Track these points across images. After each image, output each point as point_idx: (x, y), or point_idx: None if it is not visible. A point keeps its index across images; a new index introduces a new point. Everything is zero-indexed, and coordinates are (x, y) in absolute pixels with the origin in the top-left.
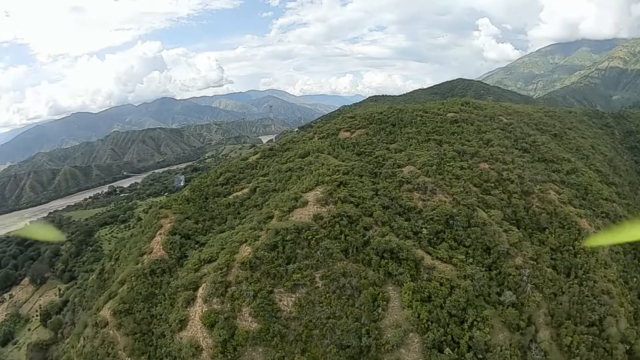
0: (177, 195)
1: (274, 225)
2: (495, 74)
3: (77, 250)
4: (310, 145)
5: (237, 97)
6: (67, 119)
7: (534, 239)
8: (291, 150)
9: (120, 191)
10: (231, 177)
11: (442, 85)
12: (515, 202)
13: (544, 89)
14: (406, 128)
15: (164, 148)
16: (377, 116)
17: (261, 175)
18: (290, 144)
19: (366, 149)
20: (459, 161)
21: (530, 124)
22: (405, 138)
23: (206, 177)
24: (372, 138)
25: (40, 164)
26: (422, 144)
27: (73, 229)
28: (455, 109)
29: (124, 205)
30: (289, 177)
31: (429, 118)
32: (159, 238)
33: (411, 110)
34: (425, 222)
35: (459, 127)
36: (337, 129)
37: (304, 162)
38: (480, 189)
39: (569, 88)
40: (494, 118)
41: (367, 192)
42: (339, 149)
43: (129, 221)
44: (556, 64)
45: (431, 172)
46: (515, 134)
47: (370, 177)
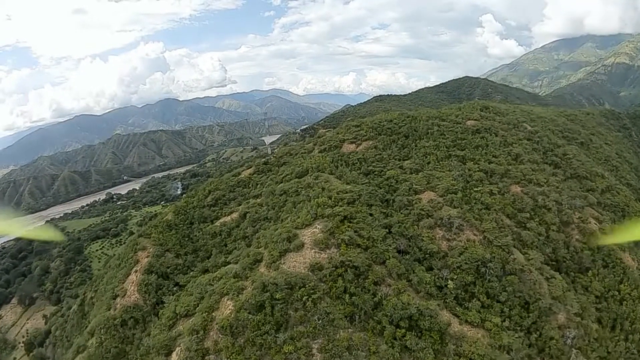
0: (158, 220)
1: (261, 277)
2: (499, 71)
3: (66, 268)
4: (309, 161)
5: (241, 97)
6: (70, 122)
7: (577, 284)
8: (288, 165)
9: (118, 198)
10: (220, 196)
11: (448, 83)
12: (554, 236)
13: (549, 85)
14: (422, 140)
15: (165, 151)
16: (387, 125)
17: (253, 196)
18: (287, 157)
19: (375, 167)
20: (487, 184)
21: (556, 131)
22: (422, 154)
23: (193, 196)
24: (381, 153)
25: (42, 167)
26: (443, 162)
27: (65, 243)
28: (475, 115)
29: (118, 215)
30: (283, 203)
31: (447, 128)
32: (134, 277)
33: (425, 117)
34: (451, 271)
35: (482, 139)
36: (340, 140)
37: (301, 183)
38: (515, 220)
39: (575, 85)
40: (518, 126)
41: (378, 230)
42: (342, 166)
43: (121, 235)
44: (561, 61)
45: (456, 202)
46: (543, 144)
47: (381, 206)
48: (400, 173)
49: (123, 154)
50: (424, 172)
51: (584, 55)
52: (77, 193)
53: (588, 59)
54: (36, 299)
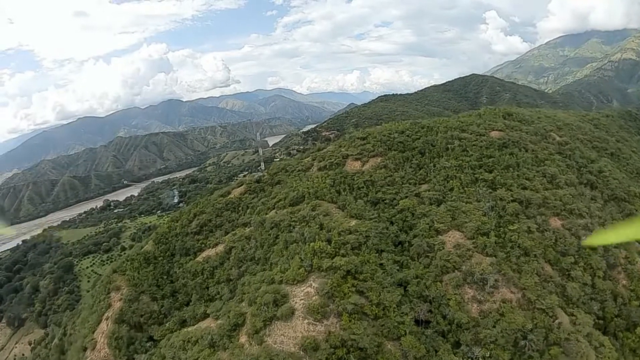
0: (136, 252)
1: (240, 354)
2: (504, 68)
3: (54, 288)
4: (306, 184)
5: (244, 96)
6: (74, 124)
7: (625, 348)
8: (282, 186)
9: (115, 206)
10: (206, 221)
11: (454, 81)
12: (601, 285)
13: (555, 82)
14: (441, 159)
15: (166, 153)
16: (398, 138)
17: (242, 223)
18: (282, 174)
19: (386, 193)
20: (524, 219)
21: (585, 140)
22: (443, 177)
23: (177, 220)
24: (392, 174)
25: (44, 171)
26: (469, 188)
27: (57, 258)
28: (499, 124)
29: (112, 227)
30: (273, 239)
31: (469, 141)
32: (105, 326)
33: (443, 128)
34: (483, 346)
35: (512, 157)
36: (343, 156)
37: (295, 214)
38: (558, 268)
39: (582, 81)
40: (546, 136)
41: (391, 290)
42: (345, 191)
43: (113, 250)
44: (566, 57)
45: (489, 247)
46: (576, 159)
47: (394, 252)
48: (417, 203)
49: (124, 157)
50: (446, 202)
51: (589, 51)
52: (77, 199)
53: (594, 54)
54: (25, 319)
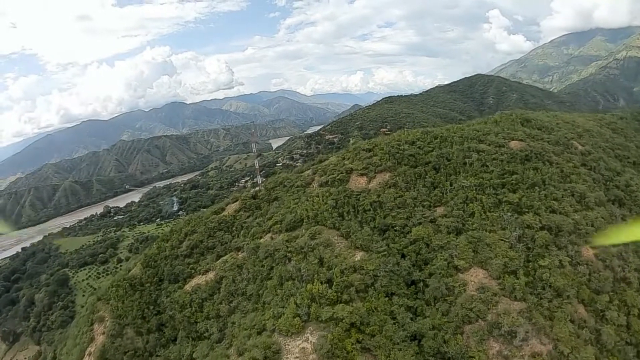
0: (122, 276)
1: None
2: (508, 67)
3: (49, 302)
4: (305, 205)
5: (248, 98)
6: (78, 127)
7: None
8: (279, 205)
9: (115, 212)
10: (198, 243)
11: (460, 82)
12: (637, 325)
13: (560, 81)
14: (458, 176)
15: (169, 157)
16: (408, 150)
17: (235, 248)
18: (280, 189)
19: (396, 217)
20: (554, 250)
21: (606, 148)
22: (461, 198)
23: (167, 240)
24: (403, 194)
25: (47, 176)
26: (491, 213)
27: (53, 269)
28: (518, 134)
29: (111, 235)
30: (267, 272)
31: (489, 154)
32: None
33: (459, 139)
34: None
35: (537, 173)
36: (347, 170)
37: (291, 243)
38: (592, 309)
39: (588, 80)
40: (569, 145)
41: (404, 348)
42: (349, 215)
43: (109, 262)
44: (571, 55)
45: (518, 289)
46: (601, 171)
47: (406, 295)
48: (433, 232)
49: (127, 161)
50: (467, 232)
51: (594, 49)
52: (78, 204)
53: (598, 52)
54: (20, 334)
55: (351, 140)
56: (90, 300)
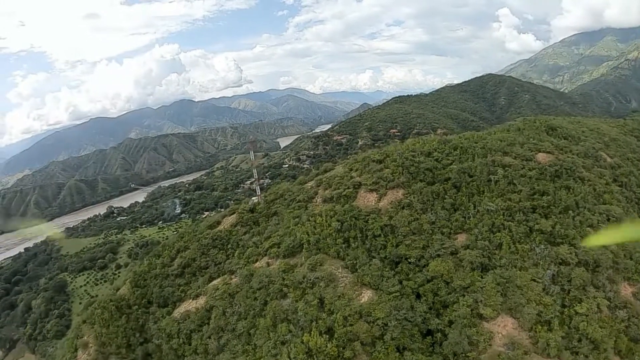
0: (109, 297)
1: None
2: (518, 67)
3: (45, 309)
4: (306, 227)
5: (257, 96)
6: (86, 124)
7: None
8: (277, 223)
9: (118, 213)
10: (190, 261)
11: (471, 81)
12: None
13: (570, 81)
14: (482, 196)
15: (176, 155)
16: (424, 164)
17: (228, 270)
18: (280, 203)
19: (410, 247)
20: (592, 291)
21: (634, 160)
22: (487, 225)
23: (159, 257)
24: (419, 216)
25: (53, 173)
26: (522, 244)
27: (52, 273)
28: (545, 145)
29: (112, 238)
30: (260, 307)
31: (516, 170)
32: None
33: (481, 150)
34: None
35: (569, 193)
36: (355, 184)
37: (288, 277)
38: None
39: (599, 81)
40: (597, 157)
41: None
42: (356, 242)
43: (108, 267)
44: (581, 55)
45: (553, 344)
46: (632, 188)
47: (421, 350)
48: (454, 267)
49: (133, 159)
50: (494, 268)
51: (604, 49)
52: (83, 203)
53: (609, 53)
54: (17, 341)
55: (359, 142)
56: (76, 323)
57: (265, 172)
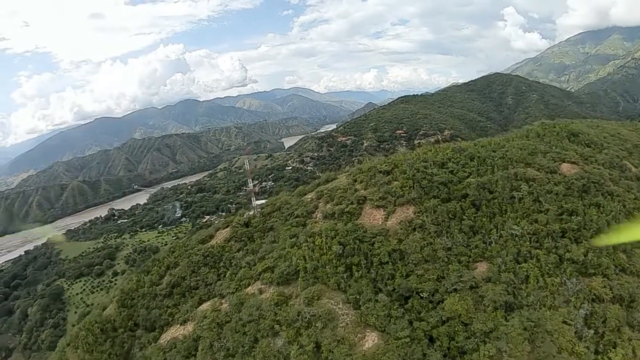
0: (95, 318)
1: None
2: (524, 66)
3: (41, 318)
4: (303, 250)
5: (262, 96)
6: (91, 124)
7: None
8: (275, 234)
9: (119, 215)
10: (179, 280)
11: (477, 81)
12: None
13: (577, 80)
14: (505, 217)
15: (179, 156)
16: (438, 175)
17: (218, 294)
18: (277, 217)
19: (422, 279)
20: (627, 331)
21: None
22: (511, 253)
23: (148, 273)
24: (432, 240)
25: (57, 174)
26: (551, 275)
27: (50, 279)
28: (569, 154)
29: (111, 242)
30: (249, 346)
31: (541, 185)
32: None
33: (501, 161)
34: None
35: (599, 211)
36: (359, 199)
37: (280, 311)
38: None
39: (606, 80)
40: (622, 168)
41: None
42: (360, 270)
43: (105, 275)
44: (587, 54)
45: None
46: None
47: None
48: (473, 306)
49: (137, 160)
50: (520, 308)
51: (610, 48)
52: (86, 204)
53: (615, 51)
54: (13, 350)
55: (364, 143)
56: (60, 345)
57: (268, 174)
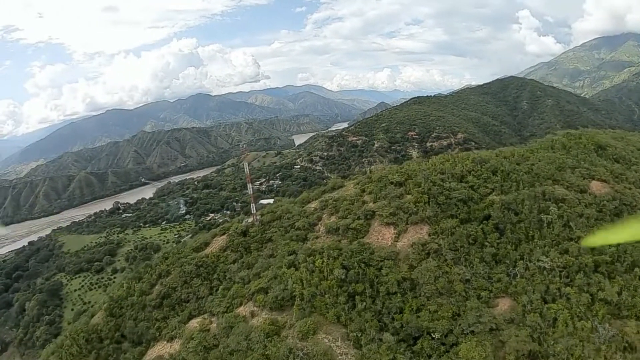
0: (82, 326)
1: None
2: (538, 70)
3: (37, 314)
4: (301, 273)
5: (274, 92)
6: (102, 116)
7: None
8: (273, 247)
9: (124, 209)
10: (170, 291)
11: (492, 84)
12: None
13: (591, 86)
14: (532, 244)
15: (189, 150)
16: (456, 191)
17: (209, 310)
18: (277, 227)
19: (435, 316)
20: None
21: None
22: (538, 290)
23: (139, 279)
24: (449, 269)
25: (66, 164)
26: (581, 319)
27: (50, 273)
28: (599, 170)
29: (114, 237)
30: None
31: (571, 206)
32: None
33: (526, 176)
34: None
35: None
36: (367, 214)
37: (269, 347)
38: None
39: (621, 87)
40: None
41: None
42: (365, 299)
43: (105, 271)
44: (602, 60)
45: None
46: None
47: None
48: (493, 354)
49: (146, 153)
50: (546, 358)
51: (626, 55)
52: (92, 196)
53: (630, 58)
54: (9, 344)
55: (375, 144)
56: (45, 353)
57: (276, 172)
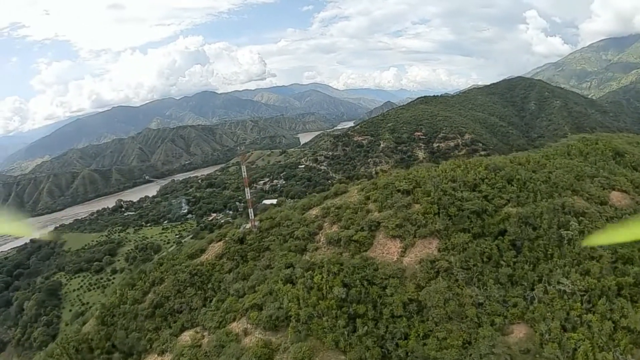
0: (73, 335)
1: None
2: (545, 70)
3: (35, 314)
4: (297, 291)
5: (280, 90)
6: (108, 113)
7: None
8: (270, 256)
9: (126, 207)
10: (163, 300)
11: (499, 84)
12: None
13: (598, 87)
14: (552, 263)
15: (193, 148)
16: (469, 201)
17: (201, 323)
18: (275, 234)
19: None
20: None
21: None
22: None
23: (132, 286)
24: (460, 290)
25: (71, 161)
26: (602, 349)
27: (50, 272)
28: (619, 180)
29: (115, 236)
30: None
31: (592, 221)
32: None
33: (545, 188)
34: None
35: None
36: (371, 224)
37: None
38: None
39: (628, 89)
40: None
41: None
42: (367, 321)
43: (104, 271)
44: (609, 61)
45: None
46: None
47: None
48: None
49: (151, 150)
50: None
51: (633, 56)
52: (96, 193)
53: (638, 60)
54: (7, 344)
55: (381, 144)
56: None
57: (281, 171)
